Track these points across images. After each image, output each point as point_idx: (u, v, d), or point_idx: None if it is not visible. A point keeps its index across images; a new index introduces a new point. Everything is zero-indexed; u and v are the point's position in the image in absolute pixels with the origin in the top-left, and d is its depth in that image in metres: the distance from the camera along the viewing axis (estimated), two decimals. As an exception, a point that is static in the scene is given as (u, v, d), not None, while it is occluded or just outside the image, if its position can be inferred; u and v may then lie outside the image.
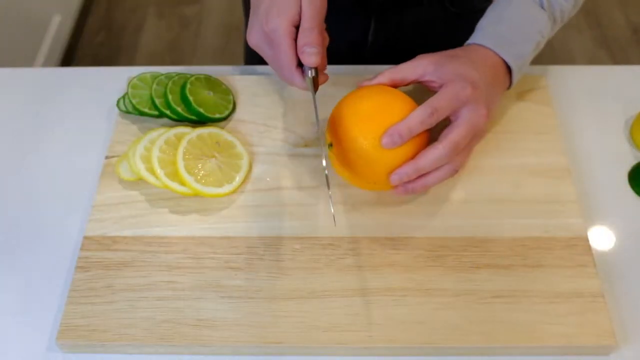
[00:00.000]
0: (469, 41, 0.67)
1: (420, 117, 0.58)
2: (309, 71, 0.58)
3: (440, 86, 0.61)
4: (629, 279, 0.62)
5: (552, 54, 1.95)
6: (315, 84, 0.60)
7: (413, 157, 0.59)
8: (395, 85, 0.63)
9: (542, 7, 0.66)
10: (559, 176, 0.67)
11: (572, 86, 0.78)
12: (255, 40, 0.61)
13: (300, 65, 0.59)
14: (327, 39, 0.62)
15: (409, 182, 0.60)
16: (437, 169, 0.60)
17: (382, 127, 0.58)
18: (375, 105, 0.60)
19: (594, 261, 0.61)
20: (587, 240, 0.62)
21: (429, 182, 0.60)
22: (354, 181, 0.63)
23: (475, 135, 0.62)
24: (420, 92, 0.66)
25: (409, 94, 0.63)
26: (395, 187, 0.61)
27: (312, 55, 0.57)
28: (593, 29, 2.02)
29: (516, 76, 0.66)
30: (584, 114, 0.75)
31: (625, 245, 0.64)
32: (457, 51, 0.65)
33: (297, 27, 0.59)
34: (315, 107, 0.60)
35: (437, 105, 0.58)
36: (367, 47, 0.87)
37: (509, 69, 0.65)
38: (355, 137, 0.59)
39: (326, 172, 0.58)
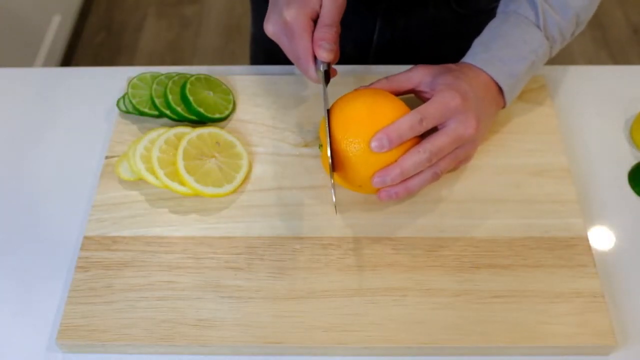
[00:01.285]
0: (463, 60, 0.67)
1: (410, 122, 0.58)
2: (322, 65, 0.61)
3: (432, 97, 0.61)
4: (629, 279, 0.62)
5: (552, 54, 1.95)
6: (327, 78, 0.62)
7: None
8: (392, 94, 0.64)
9: (538, 27, 0.66)
10: (559, 176, 0.67)
11: (572, 86, 0.78)
12: (272, 29, 0.63)
13: (314, 57, 0.61)
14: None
15: (392, 186, 0.60)
16: (418, 173, 0.60)
17: (370, 131, 0.59)
18: (364, 108, 0.60)
19: (594, 261, 0.61)
20: (587, 240, 0.62)
21: (411, 186, 0.60)
22: (342, 183, 0.63)
23: (462, 146, 0.61)
24: (412, 103, 0.66)
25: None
26: (377, 193, 0.61)
27: (327, 52, 0.59)
28: (593, 30, 2.02)
29: (509, 96, 0.65)
30: (584, 114, 0.75)
31: (625, 245, 0.64)
32: (451, 66, 0.65)
33: (314, 21, 0.61)
34: (325, 100, 0.61)
35: (426, 113, 0.59)
36: (373, 47, 0.87)
37: (501, 88, 0.65)
38: (343, 139, 0.59)
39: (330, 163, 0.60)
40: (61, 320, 0.58)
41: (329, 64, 0.61)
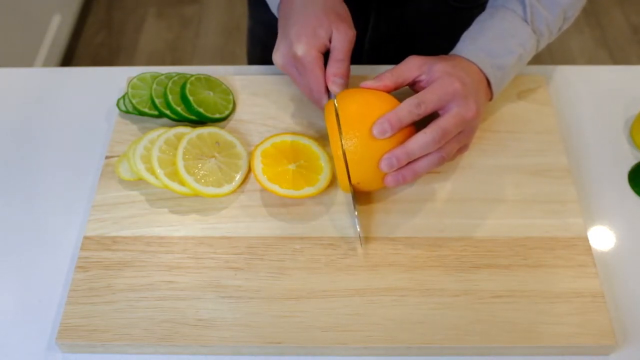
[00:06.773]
0: (452, 52, 0.67)
1: (408, 107, 0.59)
2: (332, 95, 0.63)
3: (428, 84, 0.62)
4: (629, 279, 0.62)
5: (552, 54, 1.95)
6: None
7: None
8: (397, 87, 0.64)
9: (525, 21, 0.66)
10: (559, 176, 0.67)
11: (572, 86, 0.78)
12: (282, 61, 0.66)
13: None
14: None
15: (398, 169, 0.60)
16: (425, 155, 0.60)
17: (363, 126, 0.59)
18: (355, 106, 0.61)
19: (594, 261, 0.61)
20: (587, 240, 0.62)
21: (417, 169, 0.60)
22: (339, 184, 0.63)
23: (464, 130, 0.62)
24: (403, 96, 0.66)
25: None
26: (384, 178, 0.60)
27: (340, 86, 0.63)
28: (593, 29, 2.02)
29: (496, 88, 0.66)
30: (584, 114, 0.75)
31: (625, 245, 0.64)
32: (445, 56, 0.66)
33: (324, 53, 0.64)
34: (339, 127, 0.60)
35: (424, 98, 0.59)
36: (367, 40, 0.87)
37: (489, 80, 0.65)
38: (338, 138, 0.59)
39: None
40: (61, 320, 0.58)
41: None
